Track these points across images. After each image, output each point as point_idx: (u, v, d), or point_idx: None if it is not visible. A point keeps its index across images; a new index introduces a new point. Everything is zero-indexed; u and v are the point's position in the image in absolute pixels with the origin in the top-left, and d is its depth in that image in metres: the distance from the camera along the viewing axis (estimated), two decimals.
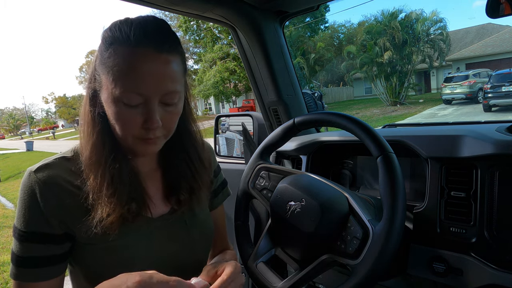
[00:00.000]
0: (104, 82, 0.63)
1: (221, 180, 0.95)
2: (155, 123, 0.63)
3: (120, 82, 0.60)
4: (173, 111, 0.67)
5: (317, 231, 0.68)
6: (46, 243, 0.66)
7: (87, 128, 0.69)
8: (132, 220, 0.68)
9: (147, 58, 0.60)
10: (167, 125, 0.67)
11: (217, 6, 1.06)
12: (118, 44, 0.61)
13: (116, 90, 0.61)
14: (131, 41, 0.60)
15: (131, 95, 0.61)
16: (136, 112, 0.63)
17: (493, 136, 0.82)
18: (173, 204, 0.77)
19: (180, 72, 0.66)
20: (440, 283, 0.85)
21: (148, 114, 0.63)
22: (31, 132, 58.25)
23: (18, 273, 0.66)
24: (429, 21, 17.73)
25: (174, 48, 0.64)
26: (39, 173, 0.66)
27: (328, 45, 22.29)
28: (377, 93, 19.15)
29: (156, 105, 0.63)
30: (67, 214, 0.66)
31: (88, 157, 0.68)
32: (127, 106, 0.62)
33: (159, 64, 0.61)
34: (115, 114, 0.63)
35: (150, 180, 0.77)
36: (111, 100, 0.63)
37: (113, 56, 0.61)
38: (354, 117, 0.75)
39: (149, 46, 0.61)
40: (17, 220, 0.66)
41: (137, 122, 0.64)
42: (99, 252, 0.68)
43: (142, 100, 0.62)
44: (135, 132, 0.65)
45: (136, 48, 0.60)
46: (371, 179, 1.13)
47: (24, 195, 0.66)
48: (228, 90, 20.87)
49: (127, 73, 0.60)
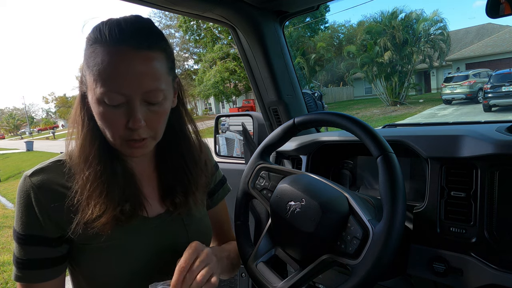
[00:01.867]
0: (89, 83, 0.63)
1: (220, 177, 0.95)
2: (137, 123, 0.62)
3: (100, 82, 0.60)
4: (158, 110, 0.65)
5: (317, 231, 0.68)
6: (43, 246, 0.67)
7: (77, 129, 0.69)
8: (126, 221, 0.68)
9: (126, 57, 0.60)
10: (152, 125, 0.65)
11: (217, 6, 1.06)
12: (97, 44, 0.61)
13: (97, 90, 0.60)
14: (108, 41, 0.60)
15: (112, 95, 0.60)
16: (120, 112, 0.62)
17: (493, 136, 0.82)
18: (169, 206, 0.76)
19: (164, 69, 0.65)
20: (440, 283, 0.85)
21: (130, 113, 0.62)
22: (31, 132, 58.25)
23: (19, 275, 0.67)
24: (429, 21, 17.73)
25: (156, 45, 0.63)
26: (33, 177, 0.67)
27: (328, 45, 22.28)
28: (377, 93, 19.14)
29: (138, 104, 0.62)
30: (62, 217, 0.66)
31: (77, 156, 0.68)
32: (109, 107, 0.62)
33: (138, 62, 0.60)
34: (99, 115, 0.63)
35: (146, 180, 0.77)
36: (94, 100, 0.62)
37: (93, 56, 0.61)
38: (354, 117, 0.75)
39: (127, 44, 0.60)
40: (16, 223, 0.68)
41: (120, 122, 0.63)
42: (96, 252, 0.68)
43: (124, 99, 0.61)
44: (120, 133, 0.64)
45: (114, 47, 0.60)
46: (371, 179, 1.13)
47: (20, 199, 0.67)
48: (228, 90, 20.86)
49: (107, 72, 0.59)
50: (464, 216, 0.82)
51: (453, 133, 0.87)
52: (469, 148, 0.82)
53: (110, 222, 0.66)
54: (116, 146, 0.67)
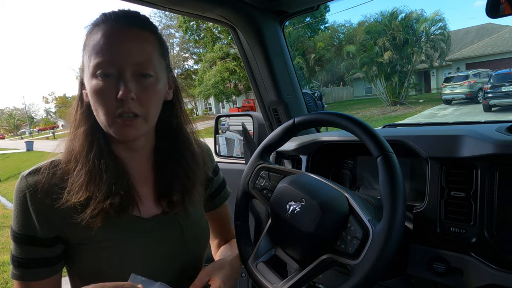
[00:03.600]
0: (85, 63, 0.67)
1: (220, 180, 0.95)
2: (127, 91, 0.64)
3: (94, 55, 0.64)
4: (149, 86, 0.67)
5: (317, 231, 0.68)
6: (38, 246, 0.67)
7: (73, 123, 0.72)
8: (116, 215, 0.68)
9: (118, 32, 0.65)
10: (143, 102, 0.67)
11: (217, 6, 1.06)
12: (93, 27, 0.67)
13: (91, 64, 0.64)
14: (103, 22, 0.67)
15: (104, 65, 0.64)
16: (111, 84, 0.65)
17: (493, 136, 0.82)
18: (165, 206, 0.76)
19: (155, 51, 0.68)
20: (440, 283, 0.85)
21: (121, 83, 0.64)
22: (31, 132, 58.22)
23: (16, 273, 0.68)
24: (429, 21, 17.72)
25: (147, 28, 0.68)
26: (29, 177, 0.68)
27: (328, 45, 22.27)
28: (377, 93, 19.14)
29: (128, 76, 0.65)
30: (57, 217, 0.67)
31: (72, 153, 0.70)
32: (102, 79, 0.64)
33: (130, 36, 0.65)
34: (92, 89, 0.65)
35: (143, 181, 0.77)
36: (88, 75, 0.66)
37: (89, 37, 0.67)
38: (354, 117, 0.75)
39: (120, 23, 0.66)
40: (13, 222, 0.69)
41: (112, 93, 0.64)
42: (91, 252, 0.69)
43: (115, 70, 0.64)
44: (111, 106, 0.65)
45: (108, 25, 0.66)
46: (371, 179, 1.13)
47: (16, 199, 0.68)
48: (228, 90, 20.86)
49: (100, 45, 0.64)
50: (464, 216, 0.82)
51: (453, 133, 0.87)
52: (469, 148, 0.82)
53: (99, 215, 0.66)
54: (108, 127, 0.67)
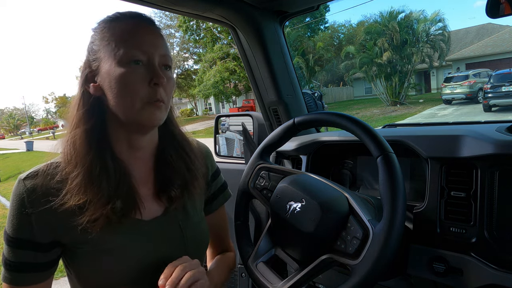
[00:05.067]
0: (105, 53, 0.67)
1: (221, 183, 0.95)
2: (161, 77, 0.67)
3: (123, 43, 0.66)
4: (170, 77, 0.71)
5: (317, 231, 0.68)
6: (32, 250, 0.66)
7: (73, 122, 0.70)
8: (118, 221, 0.67)
9: (143, 26, 0.69)
10: (167, 90, 0.70)
11: (217, 6, 1.06)
12: (113, 22, 0.69)
13: (120, 52, 0.65)
14: (125, 16, 0.69)
15: (135, 52, 0.66)
16: (141, 71, 0.67)
17: (493, 136, 0.82)
18: (165, 202, 0.76)
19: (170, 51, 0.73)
20: (440, 283, 0.85)
21: (154, 70, 0.67)
22: (31, 132, 58.20)
23: (7, 276, 0.67)
24: (429, 21, 17.72)
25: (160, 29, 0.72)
26: (27, 180, 0.67)
27: (328, 45, 22.27)
28: (377, 93, 19.14)
29: (157, 64, 0.68)
30: (55, 220, 0.66)
31: (72, 155, 0.68)
32: (132, 65, 0.66)
33: (154, 32, 0.70)
34: (121, 76, 0.66)
35: (142, 182, 0.76)
36: (115, 64, 0.66)
37: (112, 29, 0.68)
38: (354, 117, 0.75)
39: (142, 20, 0.69)
40: (7, 226, 0.67)
41: (144, 79, 0.67)
42: (91, 255, 0.68)
43: (145, 57, 0.67)
44: (142, 92, 0.66)
45: (131, 19, 0.69)
46: (371, 179, 1.13)
47: (13, 202, 0.67)
48: (228, 90, 20.86)
49: (129, 35, 0.67)
50: (464, 216, 0.82)
51: (453, 133, 0.87)
52: (469, 148, 0.82)
53: (100, 220, 0.65)
54: (136, 114, 0.67)
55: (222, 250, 0.95)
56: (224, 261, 0.91)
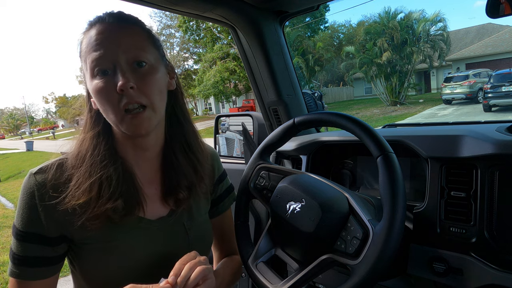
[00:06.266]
0: (84, 68, 0.68)
1: (227, 185, 0.95)
2: (125, 81, 0.64)
3: (90, 53, 0.65)
4: (146, 74, 0.67)
5: (317, 231, 0.68)
6: (41, 244, 0.67)
7: (84, 125, 0.73)
8: (120, 220, 0.68)
9: (110, 28, 0.66)
10: (144, 90, 0.67)
11: (217, 6, 1.06)
12: (84, 33, 0.69)
13: (88, 62, 0.65)
14: (96, 22, 0.68)
15: (99, 61, 0.65)
16: (111, 81, 0.65)
17: (493, 136, 0.82)
18: (172, 205, 0.77)
19: (147, 42, 0.70)
20: (440, 283, 0.85)
21: (118, 75, 0.65)
22: (31, 132, 58.19)
23: (14, 271, 0.67)
24: (429, 21, 17.71)
25: (137, 24, 0.70)
26: (38, 175, 0.68)
27: (328, 45, 22.26)
28: (377, 93, 19.13)
29: (124, 66, 0.65)
30: (64, 215, 0.67)
31: (80, 156, 0.70)
32: (101, 77, 0.65)
33: (121, 32, 0.67)
34: (95, 90, 0.66)
35: (149, 182, 0.77)
36: (88, 78, 0.66)
37: (83, 43, 0.68)
38: (354, 117, 0.75)
39: (111, 21, 0.67)
40: (16, 220, 0.68)
41: (112, 88, 0.65)
42: (96, 252, 0.69)
43: (111, 66, 0.65)
44: (114, 100, 0.65)
45: (100, 25, 0.67)
46: (371, 179, 1.13)
47: (23, 196, 0.68)
48: (228, 90, 20.85)
49: (92, 45, 0.65)
50: (464, 216, 0.82)
51: (453, 133, 0.87)
52: (469, 148, 0.82)
53: (99, 218, 0.67)
54: (118, 124, 0.67)
55: (229, 253, 0.95)
56: (231, 263, 0.91)
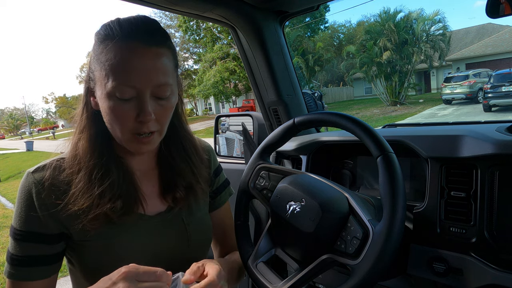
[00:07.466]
0: (98, 78, 0.65)
1: (223, 179, 0.96)
2: (147, 115, 0.63)
3: (112, 76, 0.62)
4: (166, 105, 0.67)
5: (317, 231, 0.68)
6: (40, 243, 0.67)
7: (78, 126, 0.72)
8: (118, 219, 0.69)
9: (137, 51, 0.62)
10: (160, 119, 0.67)
11: (217, 6, 1.06)
12: (109, 41, 0.63)
13: (108, 84, 0.62)
14: (120, 36, 0.62)
15: (123, 88, 0.62)
16: (130, 106, 0.64)
17: (493, 136, 0.82)
18: (170, 202, 0.77)
19: (171, 66, 0.68)
20: (440, 283, 0.85)
21: (141, 107, 0.64)
22: (31, 132, 58.19)
23: (12, 272, 0.67)
24: (429, 21, 17.71)
25: (163, 43, 0.66)
26: (36, 173, 0.68)
27: (328, 45, 22.26)
28: (377, 93, 19.13)
29: (148, 97, 0.64)
30: (63, 213, 0.67)
31: (77, 155, 0.70)
32: (120, 100, 0.63)
33: (149, 57, 0.63)
34: (109, 109, 0.64)
35: (146, 179, 0.77)
36: (104, 95, 0.64)
37: (105, 52, 0.63)
38: (354, 117, 0.75)
39: (138, 40, 0.63)
40: (14, 219, 0.68)
41: (130, 115, 0.64)
42: (96, 249, 0.69)
43: (134, 93, 0.63)
44: (129, 126, 0.65)
45: (125, 43, 0.62)
46: (371, 179, 1.13)
47: (21, 195, 0.68)
48: (228, 90, 20.86)
49: (118, 66, 0.62)
50: (464, 216, 0.82)
51: (453, 133, 0.87)
52: (469, 148, 0.82)
53: (99, 219, 0.67)
54: (123, 142, 0.68)
55: (230, 248, 0.95)
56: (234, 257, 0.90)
